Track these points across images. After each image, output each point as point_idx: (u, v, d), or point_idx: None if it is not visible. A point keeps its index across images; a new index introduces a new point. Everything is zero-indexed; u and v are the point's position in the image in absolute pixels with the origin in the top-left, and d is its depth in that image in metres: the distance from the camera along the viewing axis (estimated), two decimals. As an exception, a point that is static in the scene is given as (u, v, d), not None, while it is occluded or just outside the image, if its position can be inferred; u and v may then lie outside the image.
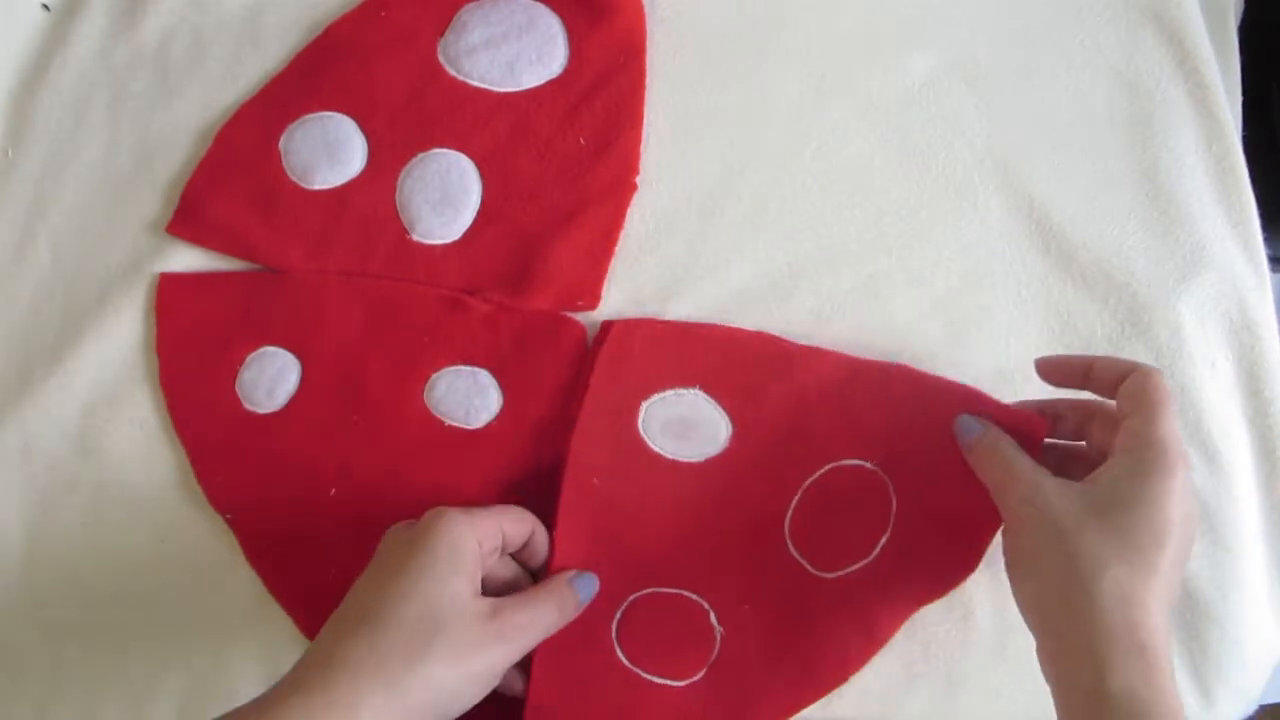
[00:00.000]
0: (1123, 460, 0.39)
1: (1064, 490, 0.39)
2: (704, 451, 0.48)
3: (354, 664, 0.36)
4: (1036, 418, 0.44)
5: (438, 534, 0.40)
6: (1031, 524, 0.39)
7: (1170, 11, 0.52)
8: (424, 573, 0.39)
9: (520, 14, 0.52)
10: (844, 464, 0.47)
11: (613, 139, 0.51)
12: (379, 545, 0.42)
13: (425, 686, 0.36)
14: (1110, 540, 0.37)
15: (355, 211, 0.51)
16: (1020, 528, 0.40)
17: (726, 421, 0.48)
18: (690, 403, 0.48)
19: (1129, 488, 0.38)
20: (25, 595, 0.50)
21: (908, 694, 0.47)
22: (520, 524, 0.44)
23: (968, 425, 0.44)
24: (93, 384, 0.51)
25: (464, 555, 0.40)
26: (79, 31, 0.55)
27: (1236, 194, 0.51)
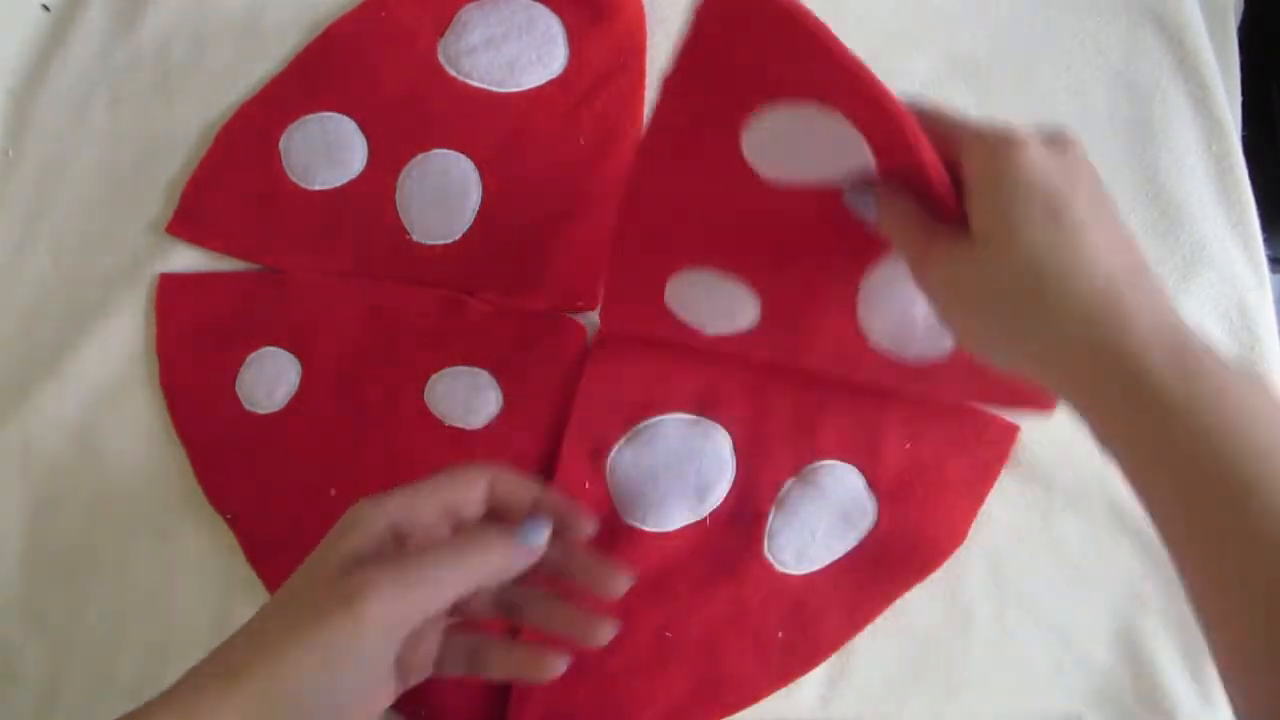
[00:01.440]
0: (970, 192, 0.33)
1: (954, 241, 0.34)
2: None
3: (206, 683, 0.32)
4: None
5: (371, 622, 0.32)
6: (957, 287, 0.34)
7: (1170, 11, 0.52)
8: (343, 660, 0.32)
9: (520, 14, 0.52)
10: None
11: (613, 139, 0.51)
12: (340, 520, 0.36)
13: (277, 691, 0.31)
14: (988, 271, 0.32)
15: (355, 212, 0.51)
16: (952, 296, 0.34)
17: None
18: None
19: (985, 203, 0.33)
20: (25, 595, 0.50)
21: (908, 694, 0.47)
22: (465, 485, 0.37)
23: (859, 201, 0.37)
24: (93, 384, 0.51)
25: (348, 532, 0.34)
26: (79, 31, 0.55)
27: (1236, 194, 0.51)
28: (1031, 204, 0.32)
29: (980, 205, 0.33)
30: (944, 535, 0.47)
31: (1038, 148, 0.32)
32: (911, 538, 0.47)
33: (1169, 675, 0.48)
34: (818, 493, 0.47)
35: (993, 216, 0.32)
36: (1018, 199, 0.32)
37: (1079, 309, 0.31)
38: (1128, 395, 0.30)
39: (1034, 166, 0.32)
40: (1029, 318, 0.32)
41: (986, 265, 0.33)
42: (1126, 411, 0.31)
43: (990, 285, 0.33)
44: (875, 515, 0.47)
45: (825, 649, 0.47)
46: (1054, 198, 0.32)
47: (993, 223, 0.32)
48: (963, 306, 0.34)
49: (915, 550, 0.47)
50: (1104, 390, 0.31)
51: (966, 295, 0.34)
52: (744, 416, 0.48)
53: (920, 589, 0.47)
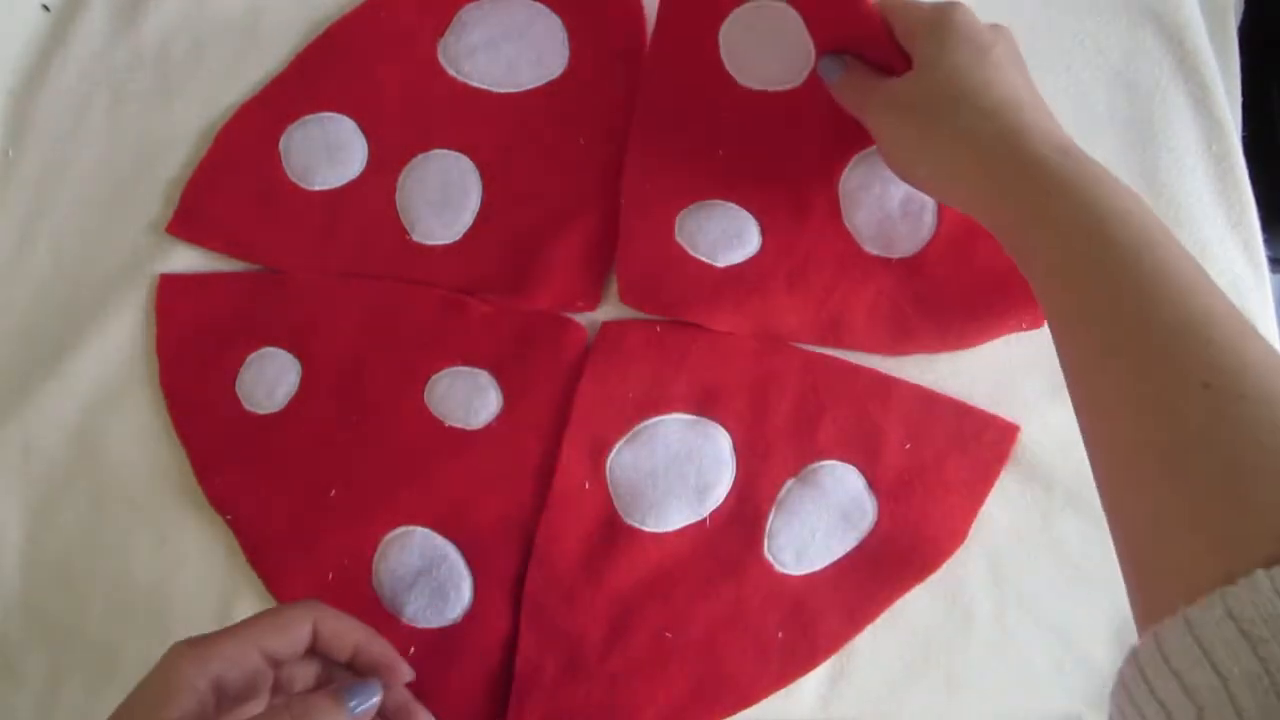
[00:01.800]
0: (917, 36, 0.42)
1: (901, 79, 0.43)
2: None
3: None
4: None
5: (155, 673, 0.36)
6: (892, 111, 0.43)
7: (1170, 11, 0.52)
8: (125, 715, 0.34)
9: (520, 14, 0.52)
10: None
11: (613, 139, 0.51)
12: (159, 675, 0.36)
13: None
14: (946, 77, 0.41)
15: (355, 212, 0.51)
16: (886, 121, 0.43)
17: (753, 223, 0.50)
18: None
19: (930, 43, 0.42)
20: (25, 595, 0.50)
21: (908, 694, 0.47)
22: (287, 631, 0.38)
23: (830, 65, 0.46)
24: (93, 384, 0.51)
25: (173, 694, 0.35)
26: (79, 31, 0.55)
27: (1236, 194, 0.51)
28: (962, 41, 0.41)
29: (922, 43, 0.42)
30: (944, 535, 0.47)
31: (972, 13, 0.42)
32: (911, 538, 0.47)
33: (1169, 675, 0.48)
34: (818, 493, 0.47)
35: (932, 46, 0.41)
36: (952, 35, 0.41)
37: (988, 110, 0.40)
38: (1020, 174, 0.38)
39: (969, 21, 0.42)
40: (948, 120, 0.40)
41: (920, 83, 0.42)
42: (1018, 187, 0.38)
43: (922, 97, 0.41)
44: (875, 515, 0.47)
45: (825, 649, 0.47)
46: (980, 40, 0.41)
47: (931, 51, 0.41)
48: (897, 118, 0.42)
49: (915, 550, 0.47)
50: (1000, 173, 0.39)
51: (902, 109, 0.42)
52: (744, 417, 0.48)
53: (920, 589, 0.47)
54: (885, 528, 0.47)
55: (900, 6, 0.44)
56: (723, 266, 0.49)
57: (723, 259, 0.49)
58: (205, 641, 0.37)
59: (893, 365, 0.49)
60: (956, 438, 0.48)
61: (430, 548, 0.48)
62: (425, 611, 0.48)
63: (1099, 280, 0.35)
